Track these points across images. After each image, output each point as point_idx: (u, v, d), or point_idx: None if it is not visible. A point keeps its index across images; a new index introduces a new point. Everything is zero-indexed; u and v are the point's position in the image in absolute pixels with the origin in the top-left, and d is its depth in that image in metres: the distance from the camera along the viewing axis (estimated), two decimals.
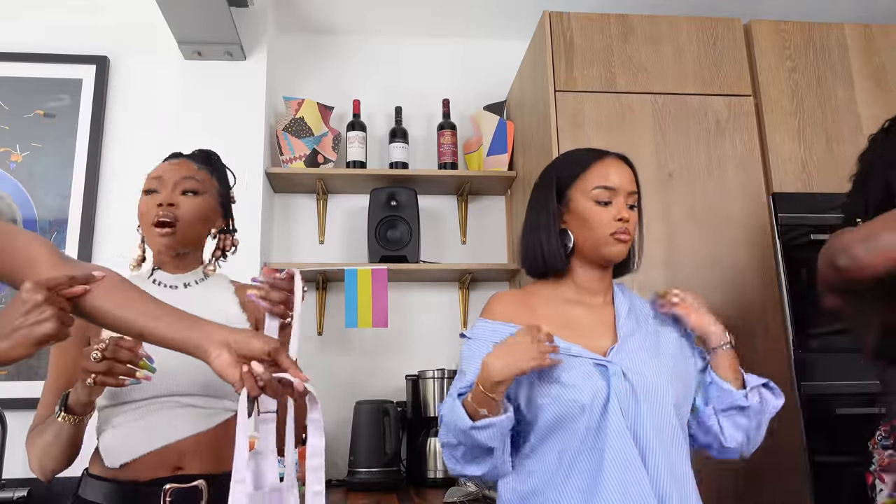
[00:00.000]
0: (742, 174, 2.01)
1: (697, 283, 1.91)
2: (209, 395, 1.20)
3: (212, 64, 2.27)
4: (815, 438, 1.82)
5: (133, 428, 1.19)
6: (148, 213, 1.28)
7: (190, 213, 1.28)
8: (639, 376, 1.12)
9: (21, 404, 2.00)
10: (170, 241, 1.27)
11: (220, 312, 1.28)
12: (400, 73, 2.64)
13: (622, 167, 1.26)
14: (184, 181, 1.30)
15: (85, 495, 1.20)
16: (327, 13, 2.52)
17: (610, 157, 1.27)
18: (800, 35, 2.14)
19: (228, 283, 1.37)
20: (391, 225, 2.28)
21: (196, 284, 1.33)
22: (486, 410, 1.07)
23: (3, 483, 1.86)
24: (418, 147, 2.57)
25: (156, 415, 1.19)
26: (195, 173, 1.33)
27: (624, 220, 1.20)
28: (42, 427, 1.24)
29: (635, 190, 1.26)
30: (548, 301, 1.25)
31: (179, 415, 1.19)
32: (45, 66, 2.25)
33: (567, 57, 2.04)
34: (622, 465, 1.05)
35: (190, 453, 1.17)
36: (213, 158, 1.44)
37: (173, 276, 1.33)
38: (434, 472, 2.05)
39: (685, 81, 2.07)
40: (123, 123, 2.28)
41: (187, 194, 1.29)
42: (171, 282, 1.32)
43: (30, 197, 2.16)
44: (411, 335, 2.41)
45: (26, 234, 1.03)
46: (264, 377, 0.93)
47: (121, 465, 1.16)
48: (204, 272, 1.36)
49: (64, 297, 0.93)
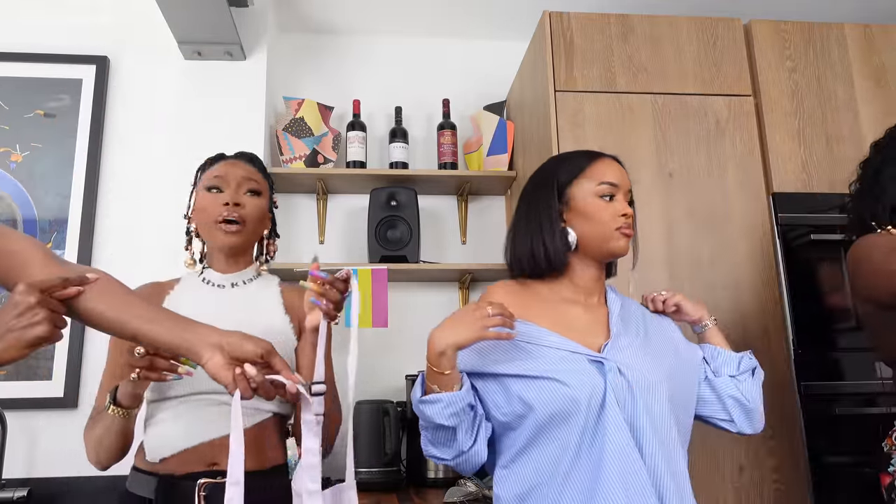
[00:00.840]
0: (742, 174, 2.02)
1: (697, 283, 1.91)
2: None
3: (212, 64, 2.27)
4: (815, 438, 1.82)
5: (172, 424, 1.21)
6: (212, 211, 1.29)
7: (254, 212, 1.31)
8: (634, 371, 1.13)
9: (21, 404, 2.00)
10: (236, 240, 1.29)
11: (264, 313, 1.30)
12: (400, 73, 2.64)
13: (618, 166, 1.29)
14: (247, 181, 1.32)
15: (131, 488, 1.23)
16: (327, 13, 2.52)
17: (607, 157, 1.30)
18: (800, 35, 2.14)
19: (276, 285, 1.39)
20: (391, 225, 2.29)
21: (244, 284, 1.35)
22: (437, 386, 1.08)
23: (3, 483, 1.86)
24: (418, 147, 2.57)
25: (193, 412, 1.21)
26: (254, 174, 1.36)
27: (627, 215, 1.22)
28: (96, 418, 1.26)
29: (631, 188, 1.28)
30: (544, 299, 1.26)
31: (216, 413, 1.21)
32: (45, 66, 2.25)
33: (567, 57, 2.04)
34: (622, 460, 1.06)
35: (224, 451, 1.14)
36: (258, 164, 1.45)
37: (223, 275, 1.35)
38: (434, 472, 2.05)
39: (685, 81, 2.07)
40: (123, 123, 2.28)
41: (251, 194, 1.32)
42: (220, 281, 1.34)
43: (30, 197, 2.16)
44: (411, 335, 2.41)
45: (20, 237, 1.04)
46: (257, 379, 0.94)
47: (160, 459, 1.19)
48: (256, 272, 1.38)
49: (57, 300, 0.93)
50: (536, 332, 1.18)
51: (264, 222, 1.38)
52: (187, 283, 1.36)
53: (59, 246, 2.13)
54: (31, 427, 2.01)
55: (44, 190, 2.17)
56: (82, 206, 2.16)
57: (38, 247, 1.03)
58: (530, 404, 1.12)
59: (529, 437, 1.13)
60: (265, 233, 1.41)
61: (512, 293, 1.27)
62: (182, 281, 1.37)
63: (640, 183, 1.97)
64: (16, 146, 2.19)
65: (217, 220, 1.28)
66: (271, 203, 1.44)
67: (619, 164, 1.29)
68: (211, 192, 1.31)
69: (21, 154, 2.19)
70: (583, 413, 1.09)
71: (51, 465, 1.98)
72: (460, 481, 1.82)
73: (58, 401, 2.02)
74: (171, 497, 1.14)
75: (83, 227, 2.15)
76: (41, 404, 2.01)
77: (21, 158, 2.18)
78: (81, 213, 2.16)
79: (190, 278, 1.36)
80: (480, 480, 1.81)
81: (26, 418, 2.02)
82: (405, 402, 2.20)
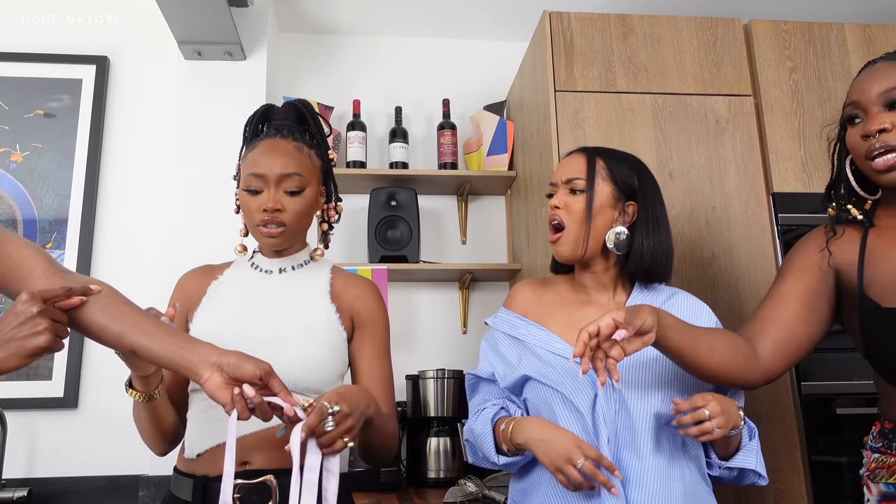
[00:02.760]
0: (742, 174, 2.02)
1: (697, 283, 1.91)
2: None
3: (212, 64, 2.27)
4: (814, 438, 1.82)
5: (203, 418, 1.18)
6: (253, 215, 1.23)
7: (295, 214, 1.23)
8: (625, 379, 1.16)
9: (21, 404, 2.01)
10: (278, 241, 1.24)
11: (307, 302, 1.25)
12: (400, 73, 2.64)
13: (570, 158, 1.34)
14: (286, 179, 1.21)
15: (173, 490, 1.20)
16: (327, 13, 2.52)
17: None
18: (800, 35, 2.14)
19: (327, 270, 1.32)
20: (391, 225, 2.29)
21: (293, 270, 1.30)
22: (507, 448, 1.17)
23: (4, 483, 1.86)
24: (418, 147, 2.57)
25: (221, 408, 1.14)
26: (298, 163, 1.23)
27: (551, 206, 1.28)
28: None
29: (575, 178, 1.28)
30: (563, 299, 1.31)
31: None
32: (46, 66, 2.25)
33: (567, 57, 2.04)
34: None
35: (255, 449, 1.14)
36: (308, 120, 1.33)
37: (271, 260, 1.30)
38: (434, 472, 2.05)
39: (685, 81, 2.07)
40: (123, 123, 2.28)
41: (290, 195, 1.22)
42: (268, 266, 1.30)
43: (30, 197, 2.16)
44: (411, 335, 2.42)
45: (23, 243, 1.03)
46: (255, 400, 0.94)
47: (196, 454, 1.16)
48: (310, 255, 1.33)
49: (59, 309, 0.94)
50: (547, 338, 1.24)
51: (312, 210, 1.28)
52: (237, 268, 1.32)
53: (60, 246, 2.13)
54: (32, 427, 2.01)
55: (44, 190, 2.17)
56: (82, 205, 2.16)
57: (41, 254, 1.02)
58: (531, 407, 1.21)
59: None
60: (318, 213, 1.32)
61: (532, 293, 1.33)
62: (233, 266, 1.33)
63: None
64: (16, 146, 2.19)
65: (257, 224, 1.22)
66: (326, 166, 1.33)
67: (579, 154, 1.33)
68: (251, 194, 1.23)
69: (21, 154, 2.19)
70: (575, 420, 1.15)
71: (51, 465, 1.99)
72: (460, 481, 1.82)
73: (58, 401, 2.02)
74: (208, 499, 1.12)
75: (83, 227, 2.15)
76: (41, 404, 2.02)
77: (21, 158, 2.18)
78: (81, 212, 2.16)
79: (241, 263, 1.33)
80: (480, 480, 1.81)
81: (26, 418, 2.02)
82: (405, 402, 2.20)
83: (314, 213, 1.30)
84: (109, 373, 2.07)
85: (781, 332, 1.19)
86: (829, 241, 1.21)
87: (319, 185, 1.30)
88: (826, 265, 1.21)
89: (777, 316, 1.21)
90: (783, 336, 1.19)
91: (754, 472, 1.17)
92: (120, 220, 2.20)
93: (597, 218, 1.24)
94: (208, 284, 1.29)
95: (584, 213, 1.24)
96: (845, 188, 1.22)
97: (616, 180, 1.27)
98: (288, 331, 1.20)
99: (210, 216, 2.11)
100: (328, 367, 1.21)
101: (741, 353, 1.17)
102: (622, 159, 1.32)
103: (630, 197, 1.28)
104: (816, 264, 1.22)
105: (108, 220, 2.20)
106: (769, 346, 1.19)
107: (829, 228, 1.23)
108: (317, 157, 1.29)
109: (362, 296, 1.29)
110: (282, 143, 1.25)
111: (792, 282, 1.22)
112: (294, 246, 1.31)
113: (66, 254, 2.13)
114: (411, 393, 2.19)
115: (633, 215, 1.27)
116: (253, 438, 1.14)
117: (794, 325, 1.20)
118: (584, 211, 1.24)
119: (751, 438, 1.19)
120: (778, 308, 1.21)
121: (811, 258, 1.23)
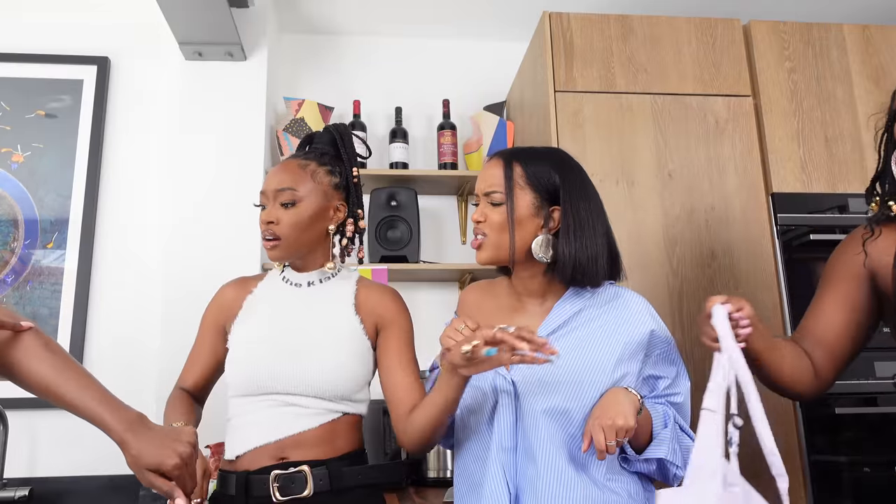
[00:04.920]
0: (741, 174, 2.02)
1: (697, 283, 1.92)
2: (315, 395, 1.25)
3: (212, 64, 2.27)
4: (814, 438, 1.82)
5: (242, 422, 1.27)
6: (260, 229, 1.32)
7: (289, 227, 1.29)
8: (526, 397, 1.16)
9: (22, 404, 2.00)
10: (276, 254, 1.31)
11: (333, 315, 1.32)
12: (400, 74, 2.64)
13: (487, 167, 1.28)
14: (280, 194, 1.30)
15: (218, 487, 1.29)
16: (328, 14, 2.53)
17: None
18: (799, 35, 2.14)
19: (353, 282, 1.38)
20: (391, 225, 2.29)
21: (320, 283, 1.37)
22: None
23: (5, 482, 1.86)
24: (418, 147, 2.57)
25: (263, 412, 1.25)
26: (294, 179, 1.31)
27: (473, 221, 1.25)
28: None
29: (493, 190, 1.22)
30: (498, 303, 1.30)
31: (284, 413, 1.25)
32: (46, 66, 2.26)
33: (567, 57, 2.04)
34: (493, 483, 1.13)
35: (293, 447, 1.24)
36: (329, 143, 1.41)
37: (299, 274, 1.38)
38: (434, 471, 2.05)
39: (685, 82, 2.07)
40: (124, 124, 2.28)
41: (284, 207, 1.30)
42: (297, 280, 1.37)
43: (31, 197, 2.17)
44: None
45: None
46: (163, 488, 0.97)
47: (235, 456, 1.25)
48: (337, 268, 1.39)
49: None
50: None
51: (315, 224, 1.32)
52: (270, 281, 1.40)
53: (60, 246, 2.14)
54: (33, 427, 2.02)
55: (45, 190, 2.17)
56: (83, 206, 2.17)
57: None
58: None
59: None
60: (331, 227, 1.36)
61: (475, 299, 1.34)
62: (266, 279, 1.41)
63: (639, 183, 1.97)
64: (17, 146, 2.19)
65: (262, 237, 1.32)
66: (343, 186, 1.38)
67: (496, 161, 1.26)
68: (261, 209, 1.34)
69: (22, 154, 2.19)
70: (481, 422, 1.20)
71: (52, 465, 1.99)
72: None
73: None
74: (249, 489, 1.21)
75: (84, 227, 2.16)
76: (42, 404, 2.00)
77: (22, 159, 2.19)
78: (82, 213, 2.16)
79: (273, 276, 1.40)
80: None
81: (28, 418, 2.03)
82: None
83: (320, 226, 1.34)
84: (110, 372, 2.07)
85: (828, 350, 1.19)
86: (866, 241, 1.16)
87: (328, 201, 1.35)
88: (863, 268, 1.17)
89: (822, 332, 1.20)
90: (829, 354, 1.19)
91: (672, 464, 1.12)
92: (121, 220, 2.21)
93: (519, 230, 1.20)
94: (244, 298, 1.37)
95: (505, 224, 1.20)
96: (890, 183, 1.17)
97: (536, 187, 1.21)
98: (316, 343, 1.28)
99: (210, 216, 2.12)
100: (354, 376, 1.29)
101: (805, 366, 1.18)
102: (542, 159, 1.25)
103: (554, 200, 1.21)
104: (854, 273, 1.18)
105: (109, 220, 2.20)
106: (818, 363, 1.19)
107: (867, 228, 1.18)
108: (326, 174, 1.35)
109: (384, 302, 1.36)
110: (290, 162, 1.35)
111: (832, 295, 1.20)
112: (315, 258, 1.37)
113: (67, 254, 2.13)
114: None
115: (558, 221, 1.20)
116: (290, 440, 1.24)
117: (839, 342, 1.19)
118: (506, 223, 1.20)
119: (665, 426, 1.15)
120: (821, 323, 1.20)
121: (848, 267, 1.20)
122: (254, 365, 1.26)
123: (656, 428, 1.14)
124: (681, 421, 1.19)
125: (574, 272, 1.18)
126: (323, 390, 1.24)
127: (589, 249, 1.18)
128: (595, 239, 1.19)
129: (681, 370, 1.24)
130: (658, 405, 1.18)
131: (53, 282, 2.11)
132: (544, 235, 1.20)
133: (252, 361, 1.26)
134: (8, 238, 2.14)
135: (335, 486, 1.22)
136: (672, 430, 1.14)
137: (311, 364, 1.25)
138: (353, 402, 1.30)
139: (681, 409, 1.21)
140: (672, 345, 1.24)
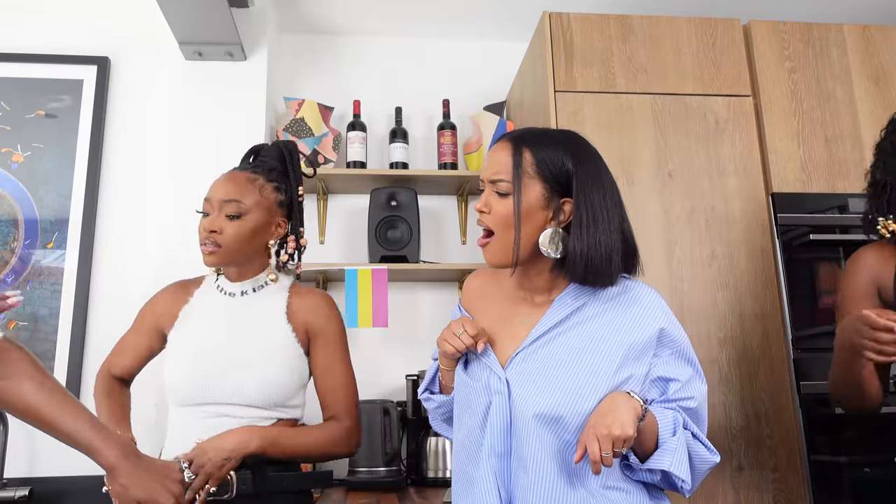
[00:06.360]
0: (741, 174, 2.02)
1: (697, 283, 1.92)
2: (249, 405, 1.27)
3: (212, 64, 2.27)
4: (814, 438, 1.82)
5: (179, 432, 1.29)
6: (199, 234, 1.33)
7: (232, 238, 1.31)
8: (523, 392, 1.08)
9: None
10: (214, 259, 1.32)
11: (265, 324, 1.34)
12: (400, 73, 2.64)
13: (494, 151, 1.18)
14: (226, 205, 1.32)
15: None
16: (328, 13, 2.53)
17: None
18: (799, 35, 2.14)
19: (285, 291, 1.39)
20: (391, 225, 2.29)
21: (253, 293, 1.38)
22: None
23: (5, 482, 1.86)
24: (418, 147, 2.57)
25: (199, 422, 1.27)
26: (241, 191, 1.33)
27: (477, 210, 1.16)
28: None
29: (496, 179, 1.12)
30: (503, 293, 1.22)
31: (219, 424, 1.25)
32: (46, 66, 2.26)
33: (567, 57, 2.04)
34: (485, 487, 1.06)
35: None
36: (277, 159, 1.42)
37: (233, 283, 1.39)
38: (434, 471, 2.06)
39: (685, 82, 2.07)
40: (124, 124, 2.28)
41: (229, 218, 1.32)
42: (231, 289, 1.38)
43: (31, 197, 2.17)
44: (411, 335, 2.42)
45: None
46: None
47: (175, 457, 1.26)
48: (267, 279, 1.39)
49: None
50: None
51: (256, 237, 1.35)
52: (206, 290, 1.41)
53: (60, 246, 2.14)
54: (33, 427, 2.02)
55: (45, 190, 2.17)
56: (83, 206, 2.17)
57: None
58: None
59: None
60: (271, 242, 1.39)
61: (479, 285, 1.28)
62: (202, 287, 1.42)
63: (639, 183, 1.97)
64: (17, 146, 2.19)
65: (201, 243, 1.33)
66: (286, 203, 1.41)
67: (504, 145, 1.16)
68: (202, 216, 1.35)
69: (22, 154, 2.19)
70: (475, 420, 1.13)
71: (52, 465, 1.99)
72: None
73: None
74: None
75: (84, 227, 2.15)
76: None
77: (22, 159, 2.19)
78: (83, 213, 2.16)
79: (209, 284, 1.41)
80: None
81: None
82: (405, 402, 2.21)
83: (261, 240, 1.37)
84: None
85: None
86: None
87: (272, 217, 1.37)
88: (872, 286, 1.33)
89: None
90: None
91: (677, 477, 1.02)
92: (121, 220, 2.21)
93: (526, 224, 1.09)
94: (181, 308, 1.39)
95: (511, 217, 1.10)
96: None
97: (546, 177, 1.10)
98: (249, 355, 1.30)
99: None
100: (288, 385, 1.31)
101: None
102: (555, 144, 1.13)
103: (566, 191, 1.11)
104: (866, 293, 1.33)
105: (109, 220, 2.20)
106: None
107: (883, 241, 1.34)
108: (273, 191, 1.38)
109: (314, 308, 1.37)
110: (238, 174, 1.37)
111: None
112: (252, 268, 1.38)
113: (67, 254, 2.13)
114: (411, 393, 2.19)
115: (569, 214, 1.10)
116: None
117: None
118: (512, 216, 1.10)
119: (674, 434, 1.05)
120: None
121: (861, 286, 1.34)
122: (188, 378, 1.28)
123: (663, 436, 1.04)
124: (693, 428, 1.08)
125: (586, 271, 1.08)
126: (256, 400, 1.27)
127: (602, 246, 1.08)
128: (609, 234, 1.09)
129: (696, 372, 1.12)
130: (668, 410, 1.08)
131: (53, 282, 2.11)
132: (553, 229, 1.10)
133: (186, 375, 1.28)
134: (8, 238, 2.14)
135: (258, 489, 1.23)
136: (680, 439, 1.05)
137: (243, 376, 1.27)
138: (287, 408, 1.32)
139: (694, 414, 1.10)
140: (686, 344, 1.13)
